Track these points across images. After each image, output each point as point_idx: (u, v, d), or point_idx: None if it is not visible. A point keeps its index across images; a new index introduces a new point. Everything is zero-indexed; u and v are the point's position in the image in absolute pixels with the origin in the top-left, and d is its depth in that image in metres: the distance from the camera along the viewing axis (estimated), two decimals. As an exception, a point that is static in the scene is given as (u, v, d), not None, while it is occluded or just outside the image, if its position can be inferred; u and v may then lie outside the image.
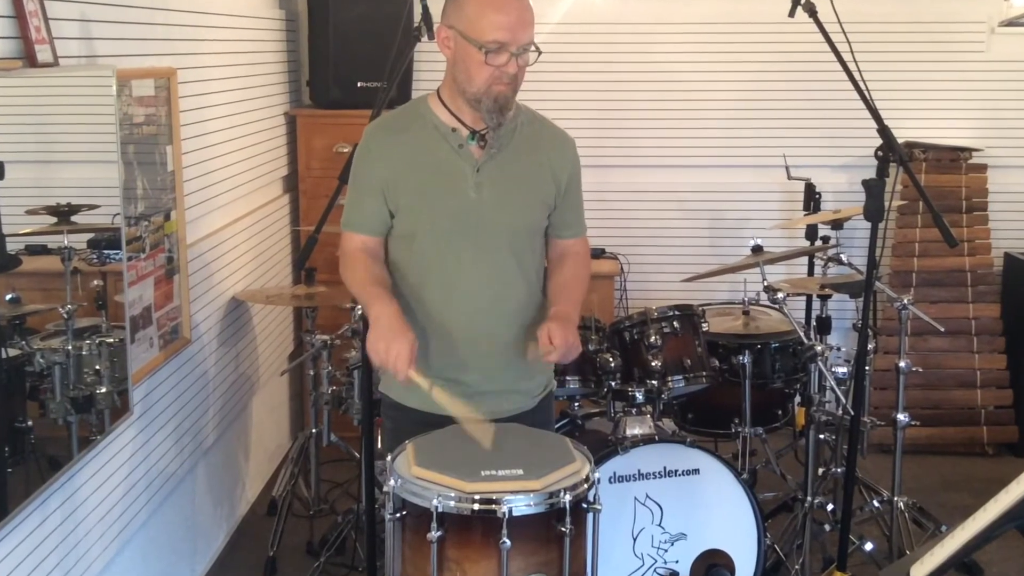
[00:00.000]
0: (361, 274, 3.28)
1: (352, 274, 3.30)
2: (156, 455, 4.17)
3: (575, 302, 3.36)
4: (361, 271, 3.28)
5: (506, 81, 3.15)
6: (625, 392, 4.36)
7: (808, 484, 4.60)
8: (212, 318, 4.79)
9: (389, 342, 3.07)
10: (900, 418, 4.69)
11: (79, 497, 3.53)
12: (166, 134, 4.17)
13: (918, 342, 6.17)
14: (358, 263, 3.30)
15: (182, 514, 4.58)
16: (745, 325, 5.09)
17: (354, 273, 3.29)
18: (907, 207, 6.24)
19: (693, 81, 6.37)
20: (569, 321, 3.24)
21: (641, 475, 4.11)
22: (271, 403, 5.92)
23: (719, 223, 6.50)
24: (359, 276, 3.28)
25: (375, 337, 3.10)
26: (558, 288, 3.39)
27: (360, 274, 3.28)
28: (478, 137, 3.27)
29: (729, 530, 4.18)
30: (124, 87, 3.76)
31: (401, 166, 3.26)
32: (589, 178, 3.58)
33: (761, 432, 4.92)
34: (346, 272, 3.32)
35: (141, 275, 3.97)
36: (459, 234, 3.26)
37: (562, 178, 3.38)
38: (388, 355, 3.05)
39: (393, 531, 2.96)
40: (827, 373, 4.44)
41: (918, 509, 4.89)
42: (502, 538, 2.77)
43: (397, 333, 3.08)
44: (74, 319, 3.48)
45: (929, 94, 6.34)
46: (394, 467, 2.97)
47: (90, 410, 3.61)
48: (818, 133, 6.37)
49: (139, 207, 3.93)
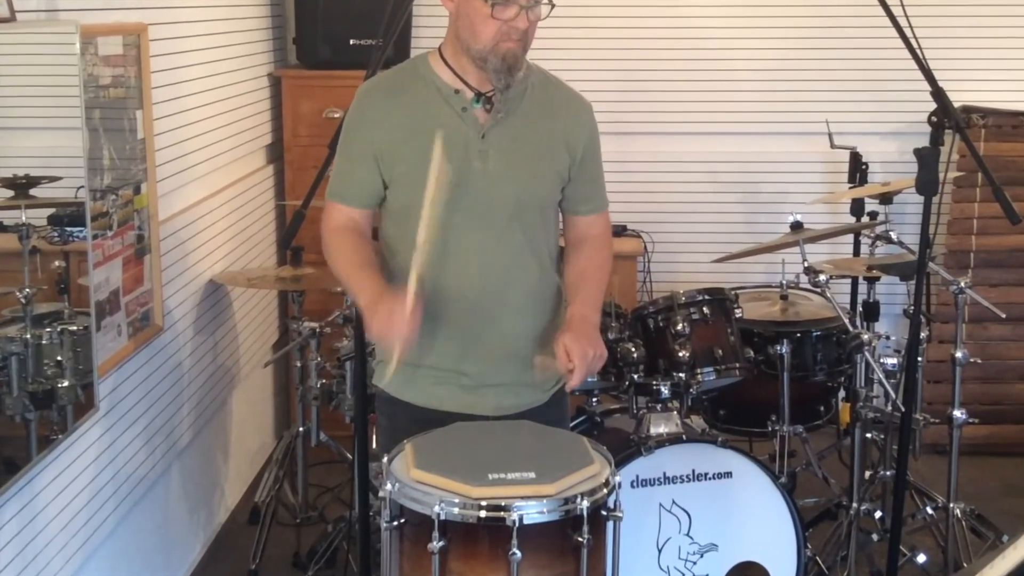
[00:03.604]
0: (347, 254, 3.29)
1: (338, 255, 3.30)
2: (125, 456, 4.17)
3: (594, 298, 3.36)
4: (347, 251, 3.29)
5: (515, 37, 3.15)
6: (649, 386, 4.35)
7: (854, 489, 4.61)
8: (187, 303, 4.79)
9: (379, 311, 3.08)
10: (956, 415, 4.69)
11: (39, 503, 3.54)
12: (136, 97, 4.17)
13: (976, 330, 6.16)
14: (343, 242, 3.31)
15: (154, 522, 4.59)
16: (783, 311, 5.08)
17: (339, 254, 3.30)
18: (964, 179, 6.22)
19: (725, 38, 6.36)
20: (587, 325, 3.24)
21: (667, 479, 4.11)
22: (253, 398, 5.93)
23: (754, 197, 6.49)
24: (345, 256, 3.29)
25: (369, 320, 3.12)
26: (575, 280, 3.39)
27: (346, 254, 3.29)
28: (484, 100, 3.27)
29: (765, 540, 4.19)
30: (89, 45, 3.76)
31: (398, 131, 3.26)
32: (608, 147, 3.58)
33: (801, 431, 4.91)
34: (330, 251, 3.33)
35: (108, 255, 3.97)
36: (462, 208, 3.26)
37: (577, 147, 3.38)
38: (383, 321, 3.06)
39: (390, 541, 2.97)
40: (875, 365, 4.43)
41: (976, 517, 4.88)
42: (512, 549, 2.77)
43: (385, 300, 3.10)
44: (33, 304, 3.49)
45: (989, 52, 6.31)
46: (391, 470, 2.98)
47: (51, 406, 3.62)
48: (865, 97, 6.35)
49: (105, 179, 3.93)
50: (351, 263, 3.27)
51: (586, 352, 3.16)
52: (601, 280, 3.42)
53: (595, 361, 3.20)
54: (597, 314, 3.33)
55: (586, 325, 3.24)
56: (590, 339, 3.21)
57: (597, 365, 3.23)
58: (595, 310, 3.33)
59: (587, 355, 3.16)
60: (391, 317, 3.06)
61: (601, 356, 3.22)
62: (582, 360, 3.15)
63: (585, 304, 3.31)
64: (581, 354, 3.15)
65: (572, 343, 3.16)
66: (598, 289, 3.40)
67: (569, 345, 3.16)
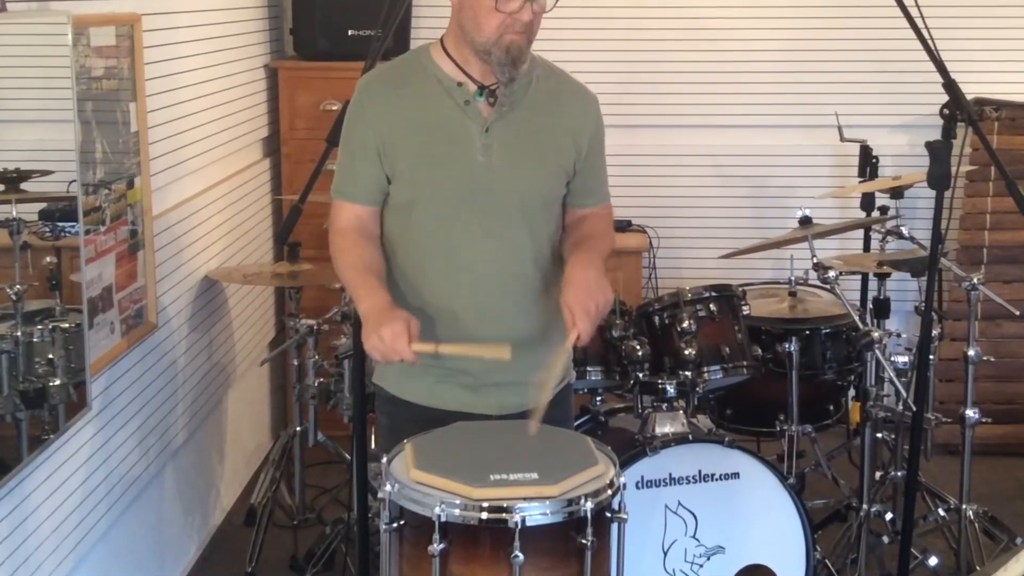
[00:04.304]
0: (352, 258, 3.28)
1: (342, 258, 3.30)
2: (118, 456, 4.17)
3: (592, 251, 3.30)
4: (352, 255, 3.29)
5: (519, 30, 3.14)
6: (654, 385, 4.35)
7: (864, 490, 4.61)
8: (182, 300, 4.79)
9: (381, 329, 3.08)
10: (969, 414, 4.69)
11: (29, 505, 3.53)
12: (129, 89, 4.17)
13: (989, 327, 6.16)
14: (349, 244, 3.30)
15: (147, 524, 4.59)
16: (792, 308, 5.08)
17: (344, 257, 3.30)
18: (977, 173, 6.23)
19: (733, 28, 6.35)
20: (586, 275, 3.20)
21: (673, 480, 4.12)
22: (249, 397, 5.93)
23: (762, 191, 6.49)
24: (349, 260, 3.28)
25: (367, 332, 3.12)
26: (573, 245, 3.37)
27: (350, 258, 3.28)
28: (487, 93, 3.27)
29: (773, 543, 4.19)
30: (81, 35, 3.76)
31: (399, 125, 3.26)
32: (613, 139, 3.58)
33: (810, 430, 4.91)
34: (335, 253, 3.32)
35: (100, 251, 3.97)
36: (465, 204, 3.26)
37: (583, 140, 3.38)
38: (385, 342, 3.06)
39: (389, 543, 2.97)
40: (885, 363, 4.43)
41: (990, 519, 4.88)
42: (514, 551, 2.77)
43: (387, 317, 3.10)
44: (24, 301, 3.49)
45: (1002, 44, 6.31)
46: (390, 470, 2.98)
47: (42, 405, 3.62)
48: (875, 88, 6.34)
49: (98, 173, 3.93)
50: (354, 267, 3.26)
51: (587, 308, 3.14)
52: (600, 243, 3.37)
53: (602, 309, 3.18)
54: (594, 265, 3.26)
55: (585, 276, 3.20)
56: (589, 291, 3.17)
57: (605, 310, 3.20)
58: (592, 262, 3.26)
59: (589, 311, 3.15)
60: (393, 343, 3.06)
61: (606, 302, 3.19)
62: (584, 317, 3.13)
63: (583, 256, 3.27)
64: (582, 311, 3.13)
65: (572, 301, 3.15)
66: (596, 246, 3.35)
67: (569, 303, 3.15)
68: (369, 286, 3.21)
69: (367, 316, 3.15)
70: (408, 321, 3.09)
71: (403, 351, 3.07)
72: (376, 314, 3.13)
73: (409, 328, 3.08)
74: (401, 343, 3.06)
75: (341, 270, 3.31)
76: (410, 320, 3.10)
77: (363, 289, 3.21)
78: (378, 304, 3.16)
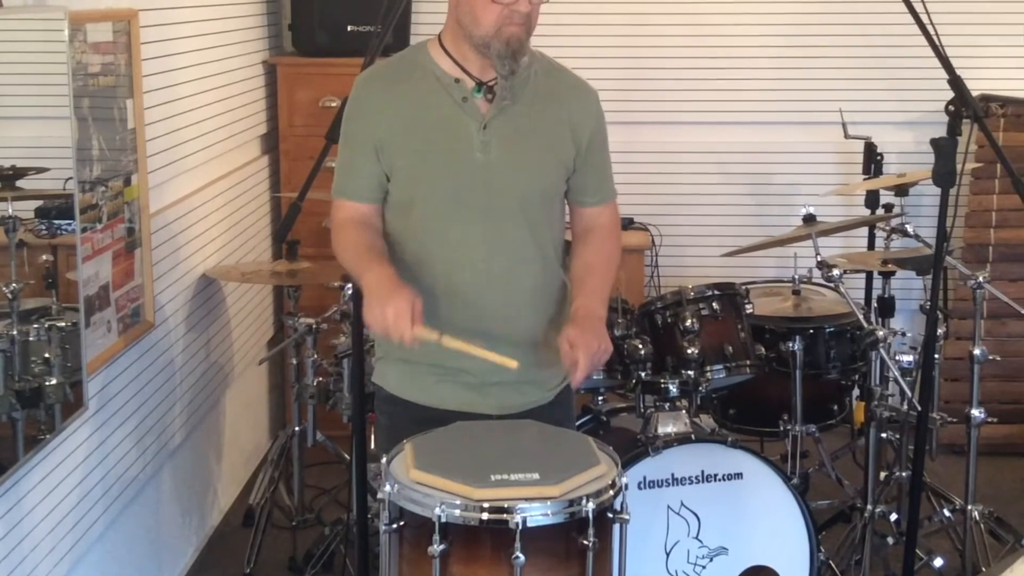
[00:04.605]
0: (352, 240, 3.28)
1: (343, 245, 3.30)
2: (114, 457, 4.17)
3: (600, 291, 3.34)
4: (352, 240, 3.29)
5: (518, 21, 3.14)
6: (657, 384, 4.35)
7: (868, 491, 4.61)
8: (179, 299, 4.79)
9: (384, 304, 3.06)
10: (975, 414, 4.68)
11: (25, 505, 3.54)
12: (126, 86, 4.17)
13: (995, 326, 6.15)
14: (350, 233, 3.30)
15: (145, 525, 4.59)
16: (795, 307, 5.08)
17: (345, 244, 3.30)
18: (983, 170, 6.21)
19: (736, 24, 6.35)
20: (592, 319, 3.23)
21: (675, 480, 4.11)
22: (247, 397, 5.93)
23: (765, 189, 6.49)
24: (350, 243, 3.28)
25: (369, 305, 3.10)
26: (580, 273, 3.37)
27: (352, 242, 3.28)
28: (485, 89, 3.27)
29: (777, 544, 4.19)
30: (77, 31, 3.76)
31: (397, 123, 3.26)
32: (615, 136, 3.58)
33: (814, 430, 4.91)
34: (337, 246, 3.33)
35: (97, 249, 3.97)
36: (463, 201, 3.26)
37: (583, 136, 3.38)
38: (387, 318, 3.05)
39: (389, 545, 2.97)
40: (890, 362, 4.43)
41: (995, 519, 4.88)
42: (515, 552, 2.77)
43: (392, 292, 3.09)
44: (20, 300, 3.48)
45: (1008, 39, 6.30)
46: (390, 470, 2.98)
47: (38, 405, 3.62)
48: (880, 85, 6.34)
49: (95, 170, 3.93)
50: (356, 247, 3.26)
51: (591, 346, 3.15)
52: (607, 273, 3.41)
53: (600, 355, 3.19)
54: (603, 308, 3.31)
55: (591, 319, 3.23)
56: (595, 333, 3.19)
57: (602, 360, 3.21)
58: (601, 303, 3.31)
59: (592, 349, 3.15)
60: (396, 321, 3.05)
61: (606, 351, 3.21)
62: (587, 354, 3.14)
63: (590, 297, 3.29)
64: (586, 348, 3.14)
65: (577, 337, 3.15)
66: (604, 282, 3.38)
67: (573, 339, 3.15)
68: (370, 262, 3.20)
69: (370, 287, 3.13)
70: (413, 301, 3.07)
71: (404, 331, 3.04)
72: (380, 287, 3.11)
73: (413, 308, 3.07)
74: (404, 323, 3.04)
75: (343, 254, 3.30)
76: (415, 300, 3.08)
77: (366, 263, 3.20)
78: (382, 276, 3.14)
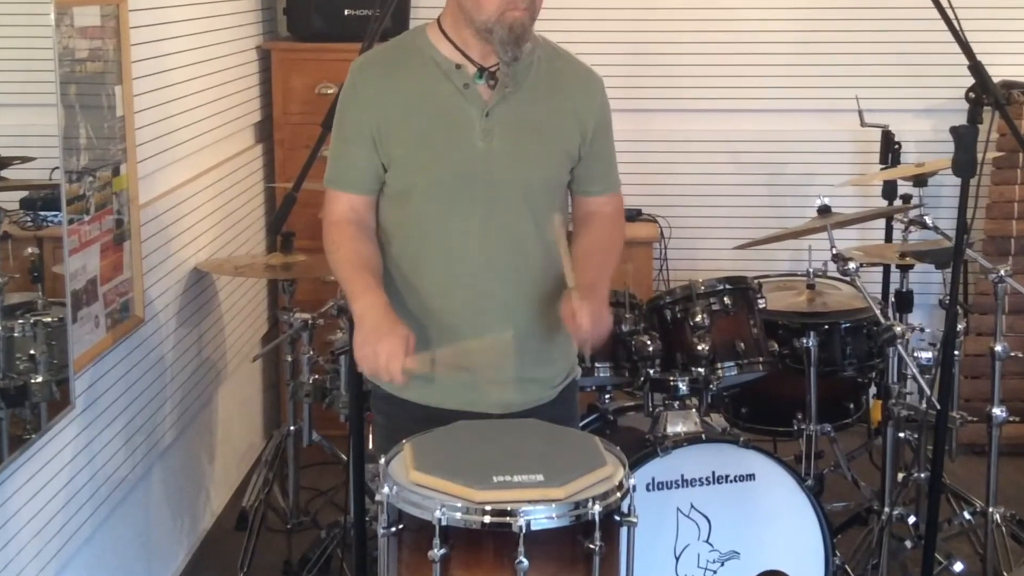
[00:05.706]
0: (347, 253, 3.28)
1: (337, 252, 3.30)
2: (103, 457, 4.17)
3: (601, 268, 3.34)
4: (347, 249, 3.28)
5: (522, 6, 3.14)
6: (666, 382, 4.35)
7: (886, 492, 4.61)
8: (170, 293, 4.79)
9: (377, 343, 3.08)
10: (996, 413, 4.69)
11: (10, 508, 3.54)
12: (114, 72, 4.16)
13: (1017, 321, 6.15)
14: (344, 238, 3.30)
15: (134, 528, 4.59)
16: (810, 301, 5.08)
17: (339, 251, 3.30)
18: (1004, 159, 6.22)
19: (747, 7, 6.35)
20: (594, 291, 3.23)
21: (685, 481, 4.11)
22: (241, 395, 5.94)
23: (779, 179, 6.49)
24: (344, 255, 3.28)
25: (361, 340, 3.12)
26: (579, 256, 3.36)
27: (345, 252, 3.28)
28: (487, 75, 3.26)
29: (790, 548, 4.19)
30: (64, 15, 3.75)
31: (394, 110, 3.26)
32: (622, 125, 3.58)
33: (829, 430, 4.91)
34: (329, 247, 3.33)
35: (84, 241, 3.97)
36: (464, 192, 3.26)
37: (588, 124, 3.38)
38: (378, 359, 3.07)
39: (387, 548, 2.96)
40: (908, 359, 4.43)
41: (1017, 522, 4.88)
42: (518, 557, 2.77)
43: (385, 330, 3.10)
44: (4, 294, 3.49)
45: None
46: (389, 471, 2.97)
47: (24, 403, 3.62)
48: (898, 71, 6.34)
49: (82, 160, 3.93)
50: (349, 262, 3.26)
51: (595, 312, 3.16)
52: (608, 257, 3.41)
53: (601, 325, 3.20)
54: (604, 285, 3.32)
55: (592, 290, 3.23)
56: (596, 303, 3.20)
57: (603, 331, 3.22)
58: (602, 281, 3.31)
59: (597, 314, 3.16)
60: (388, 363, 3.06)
61: (606, 322, 3.22)
62: (592, 318, 3.14)
63: (590, 274, 3.28)
64: (591, 312, 3.14)
65: (579, 305, 3.14)
66: (604, 263, 3.38)
67: (577, 305, 3.15)
68: (365, 284, 3.20)
69: (362, 319, 3.15)
70: (406, 339, 3.09)
71: (395, 372, 3.07)
72: (373, 321, 3.13)
73: (406, 345, 3.08)
74: (395, 364, 3.06)
75: (335, 264, 3.30)
76: (408, 337, 3.10)
77: (359, 287, 3.21)
78: (375, 308, 3.15)
